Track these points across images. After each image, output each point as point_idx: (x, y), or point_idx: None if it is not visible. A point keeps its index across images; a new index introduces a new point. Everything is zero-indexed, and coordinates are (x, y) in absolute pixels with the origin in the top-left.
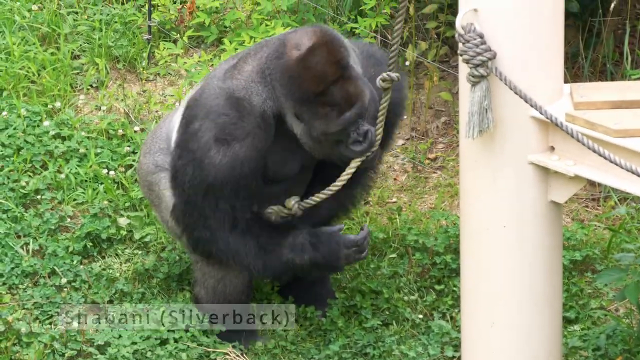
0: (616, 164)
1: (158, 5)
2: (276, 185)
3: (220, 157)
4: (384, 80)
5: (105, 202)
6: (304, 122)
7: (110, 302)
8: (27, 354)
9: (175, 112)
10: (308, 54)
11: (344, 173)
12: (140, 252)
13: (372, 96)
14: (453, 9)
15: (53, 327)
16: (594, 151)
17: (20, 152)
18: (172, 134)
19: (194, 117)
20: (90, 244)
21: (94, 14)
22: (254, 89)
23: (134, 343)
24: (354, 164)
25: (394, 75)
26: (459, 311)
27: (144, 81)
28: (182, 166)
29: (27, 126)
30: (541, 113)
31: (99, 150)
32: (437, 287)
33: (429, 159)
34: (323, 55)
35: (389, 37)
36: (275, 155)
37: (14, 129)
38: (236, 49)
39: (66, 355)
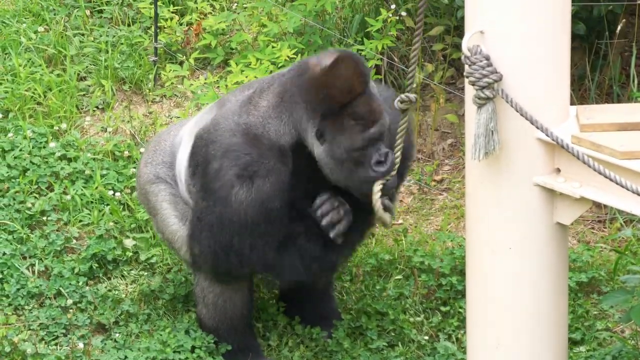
0: (622, 186)
1: (164, 27)
2: None
3: (245, 193)
4: (402, 101)
5: (111, 223)
6: (326, 141)
7: (116, 323)
8: None
9: (182, 127)
10: (334, 64)
11: (373, 197)
12: (146, 273)
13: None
14: (459, 31)
15: (59, 348)
16: (600, 173)
17: (26, 174)
18: (177, 150)
19: (212, 157)
20: (96, 265)
21: (100, 36)
22: (271, 124)
23: None
24: (377, 188)
25: (412, 96)
26: (465, 332)
27: (150, 103)
28: (207, 208)
29: (33, 147)
30: (547, 135)
31: (104, 172)
32: (442, 308)
33: (435, 180)
34: (349, 67)
35: (396, 59)
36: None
37: (20, 150)
38: (242, 71)
39: None
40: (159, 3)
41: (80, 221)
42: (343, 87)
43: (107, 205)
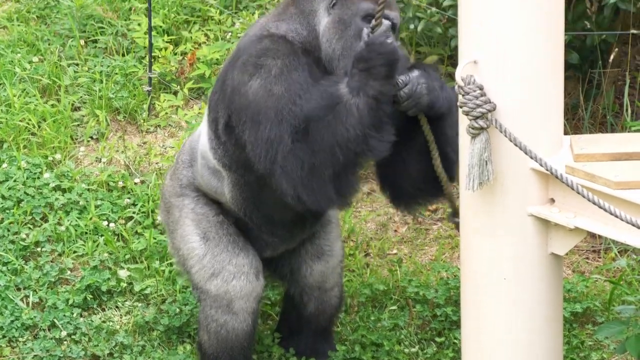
0: (616, 216)
1: (158, 57)
2: None
3: (253, 82)
4: None
5: (106, 254)
6: (336, 6)
7: (111, 355)
8: None
9: (198, 129)
10: None
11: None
12: (140, 304)
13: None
14: (453, 60)
15: None
16: (594, 203)
17: (20, 204)
18: (196, 144)
19: (228, 65)
20: (90, 296)
21: (95, 66)
22: (283, 24)
23: None
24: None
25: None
26: None
27: (144, 133)
28: (220, 89)
29: (27, 178)
30: (541, 165)
31: (99, 203)
32: (438, 339)
33: (429, 210)
34: None
35: None
36: None
37: (14, 181)
38: None
39: None
40: (153, 33)
41: (75, 252)
42: None
43: (102, 236)
